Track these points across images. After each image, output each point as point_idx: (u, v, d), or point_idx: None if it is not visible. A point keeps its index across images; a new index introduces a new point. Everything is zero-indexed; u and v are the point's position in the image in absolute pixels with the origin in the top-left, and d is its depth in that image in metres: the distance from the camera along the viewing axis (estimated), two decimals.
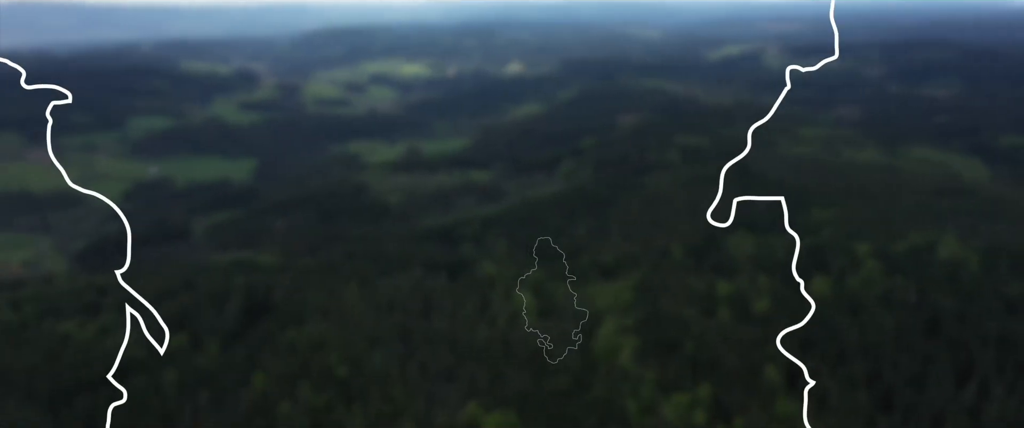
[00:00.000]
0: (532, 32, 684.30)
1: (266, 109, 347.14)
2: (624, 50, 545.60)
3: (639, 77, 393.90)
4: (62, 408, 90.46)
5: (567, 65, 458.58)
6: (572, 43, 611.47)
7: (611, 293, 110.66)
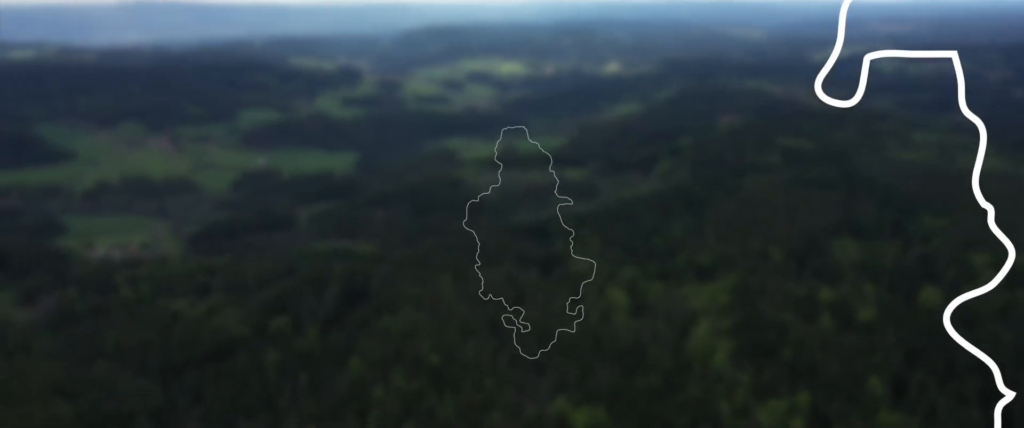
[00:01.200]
0: (630, 31, 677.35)
1: (368, 105, 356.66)
2: (724, 50, 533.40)
3: (739, 77, 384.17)
4: (172, 380, 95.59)
5: (665, 65, 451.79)
6: (671, 43, 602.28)
7: (706, 294, 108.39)
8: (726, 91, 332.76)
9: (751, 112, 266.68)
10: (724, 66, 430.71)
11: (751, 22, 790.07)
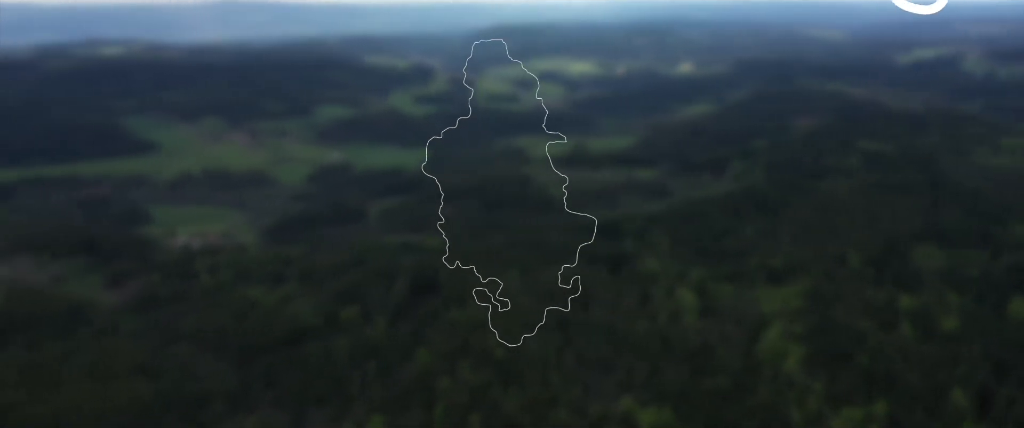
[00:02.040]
0: (705, 32, 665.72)
1: (439, 102, 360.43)
2: (803, 51, 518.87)
3: (818, 79, 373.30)
4: (247, 364, 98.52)
5: (740, 65, 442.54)
6: (747, 43, 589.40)
7: (779, 298, 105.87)
8: (803, 93, 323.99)
9: (830, 114, 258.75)
10: (802, 67, 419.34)
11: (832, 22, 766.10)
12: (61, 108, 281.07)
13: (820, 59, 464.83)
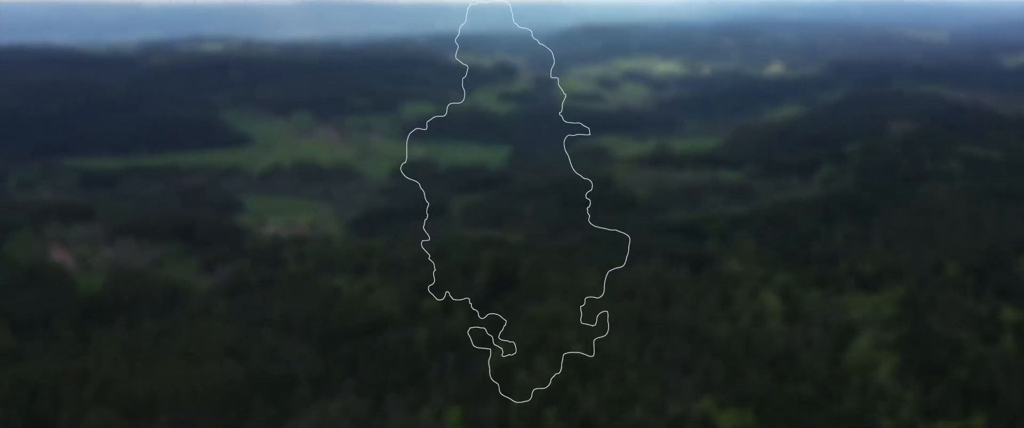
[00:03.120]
0: (796, 32, 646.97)
1: (522, 100, 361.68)
2: (900, 53, 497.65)
3: (916, 82, 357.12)
4: (330, 350, 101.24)
5: (833, 67, 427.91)
6: (840, 44, 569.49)
7: (870, 305, 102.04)
8: (900, 95, 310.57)
9: (928, 118, 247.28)
10: (899, 69, 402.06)
11: (932, 23, 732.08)
12: (163, 101, 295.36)
13: (919, 61, 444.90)
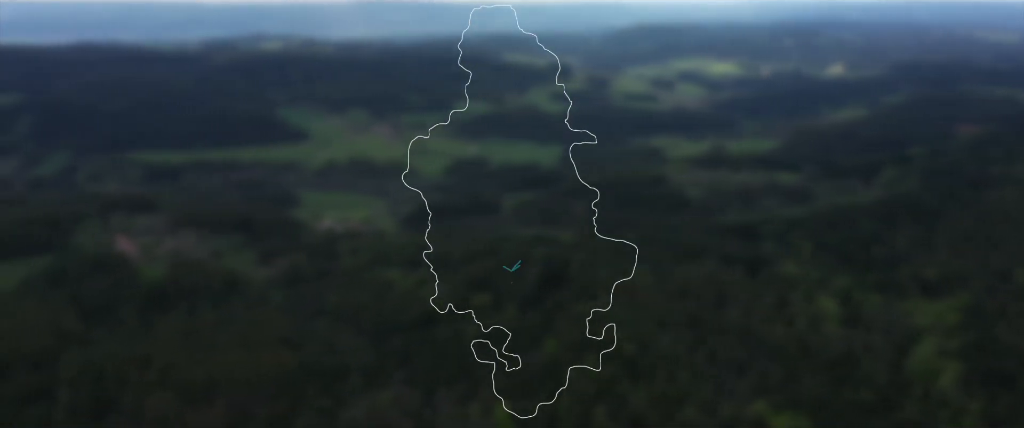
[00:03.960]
0: (859, 33, 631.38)
1: (576, 100, 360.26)
2: (968, 54, 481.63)
3: (986, 84, 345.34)
4: (382, 342, 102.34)
5: (897, 68, 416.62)
6: (904, 45, 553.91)
7: (933, 311, 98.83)
8: (968, 98, 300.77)
9: (999, 122, 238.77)
10: (967, 71, 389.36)
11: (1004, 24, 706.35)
12: (224, 98, 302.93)
13: (988, 63, 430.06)
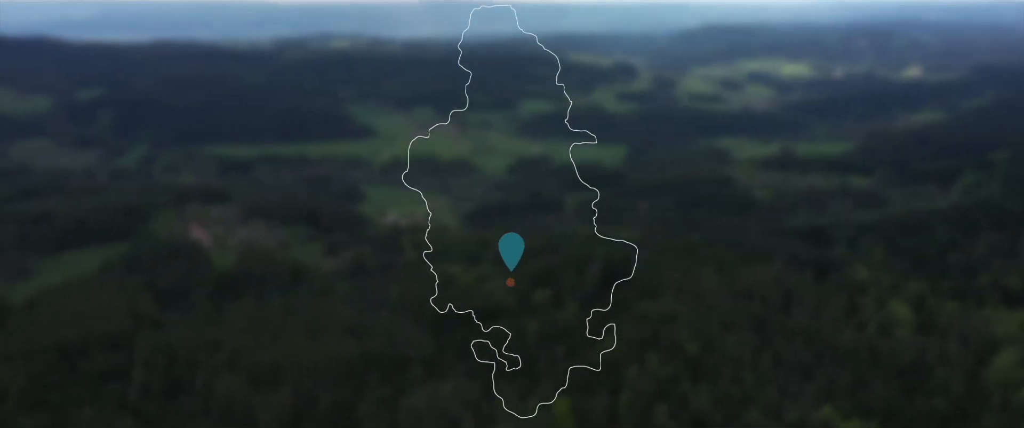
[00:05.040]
0: (938, 34, 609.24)
1: (641, 100, 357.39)
2: None
3: None
4: (443, 335, 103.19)
5: (978, 71, 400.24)
6: (986, 47, 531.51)
7: (1015, 320, 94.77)
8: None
9: None
10: None
11: None
12: (294, 95, 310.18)
13: None
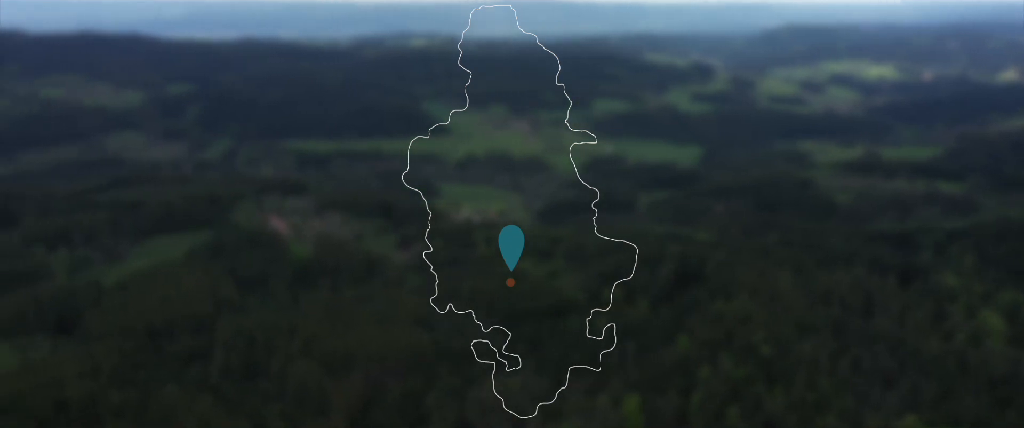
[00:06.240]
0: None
1: (718, 101, 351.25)
2: None
3: None
4: (513, 329, 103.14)
5: None
6: None
7: None
8: None
9: None
10: None
11: None
12: (372, 91, 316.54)
13: None
